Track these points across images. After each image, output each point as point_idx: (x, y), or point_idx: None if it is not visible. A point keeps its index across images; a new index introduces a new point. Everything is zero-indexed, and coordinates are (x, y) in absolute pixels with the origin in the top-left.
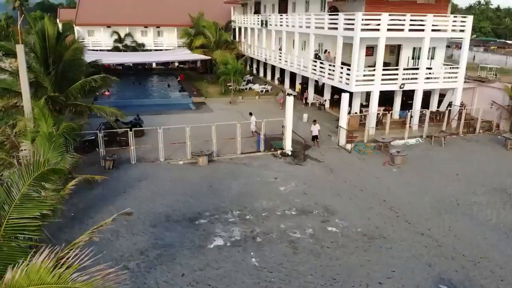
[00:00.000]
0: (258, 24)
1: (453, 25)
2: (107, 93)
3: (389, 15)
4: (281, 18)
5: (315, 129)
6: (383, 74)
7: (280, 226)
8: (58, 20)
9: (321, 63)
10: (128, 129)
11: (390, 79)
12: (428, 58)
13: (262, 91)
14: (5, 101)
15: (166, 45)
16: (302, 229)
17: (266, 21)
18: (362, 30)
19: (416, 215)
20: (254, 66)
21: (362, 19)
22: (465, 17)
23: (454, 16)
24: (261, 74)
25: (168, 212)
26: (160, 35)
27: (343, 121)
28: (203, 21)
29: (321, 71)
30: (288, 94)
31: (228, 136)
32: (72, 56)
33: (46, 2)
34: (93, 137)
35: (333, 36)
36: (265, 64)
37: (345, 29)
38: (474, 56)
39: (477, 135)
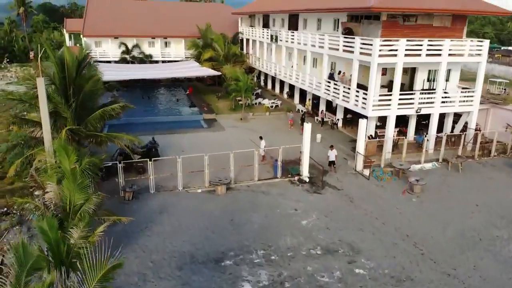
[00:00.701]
0: (268, 38)
1: (469, 50)
2: None
3: (407, 40)
4: (292, 35)
5: (332, 155)
6: (399, 99)
7: (307, 269)
8: (65, 30)
9: (335, 84)
10: (148, 159)
11: (406, 104)
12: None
13: (272, 106)
14: (24, 130)
15: (173, 56)
16: (330, 271)
17: (276, 37)
18: (380, 56)
19: (440, 252)
20: (262, 78)
21: (380, 45)
22: (481, 41)
23: (471, 41)
24: (269, 86)
25: (192, 251)
26: (168, 46)
27: (360, 147)
28: (211, 33)
29: (335, 92)
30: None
31: (244, 161)
32: (91, 87)
33: (48, 4)
34: (110, 164)
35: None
36: (273, 76)
37: (362, 53)
38: None
39: (492, 159)
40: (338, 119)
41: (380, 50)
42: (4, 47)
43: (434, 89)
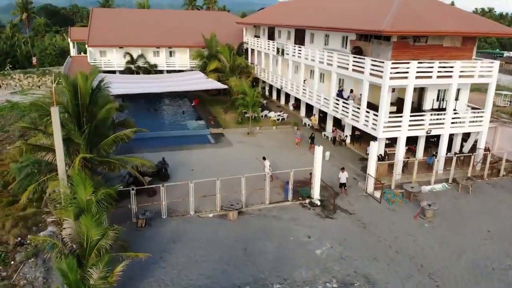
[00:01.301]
0: (273, 50)
1: (480, 71)
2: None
3: (418, 63)
4: (299, 50)
5: (343, 177)
6: (410, 120)
7: None
8: (69, 39)
9: (344, 102)
10: (160, 185)
11: (417, 125)
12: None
13: (278, 119)
14: (37, 156)
15: (178, 66)
16: None
17: (283, 50)
18: (391, 78)
19: (455, 283)
20: (267, 88)
21: (391, 67)
22: (492, 62)
23: (481, 62)
24: (274, 97)
25: (208, 285)
26: (172, 55)
27: (372, 169)
28: (217, 44)
29: (344, 111)
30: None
31: (255, 183)
32: (105, 115)
33: (49, 6)
34: (121, 187)
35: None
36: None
37: (372, 74)
38: None
39: (501, 179)
40: (346, 136)
41: (391, 73)
42: (7, 52)
43: (444, 109)
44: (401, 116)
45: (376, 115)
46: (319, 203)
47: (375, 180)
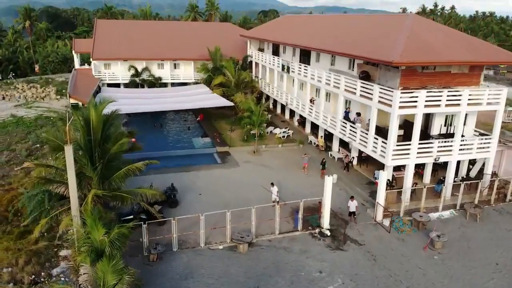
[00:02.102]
0: (278, 66)
1: (488, 99)
2: (133, 140)
3: (427, 92)
4: (305, 69)
5: (353, 205)
6: (419, 148)
7: None
8: (73, 51)
9: (351, 126)
10: (172, 219)
11: (425, 152)
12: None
13: (283, 136)
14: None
15: (183, 78)
16: None
17: (288, 67)
18: (400, 108)
19: None
20: (271, 101)
21: (400, 97)
22: (500, 89)
23: (489, 89)
24: (279, 110)
25: None
26: (177, 67)
27: (381, 198)
28: (221, 57)
29: (352, 134)
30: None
31: (265, 213)
32: (117, 150)
33: (51, 9)
34: (131, 216)
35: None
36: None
37: (381, 102)
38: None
39: (507, 204)
40: (353, 157)
41: (400, 102)
42: (9, 58)
43: (452, 134)
44: (409, 144)
45: (385, 143)
46: (329, 233)
47: (384, 208)
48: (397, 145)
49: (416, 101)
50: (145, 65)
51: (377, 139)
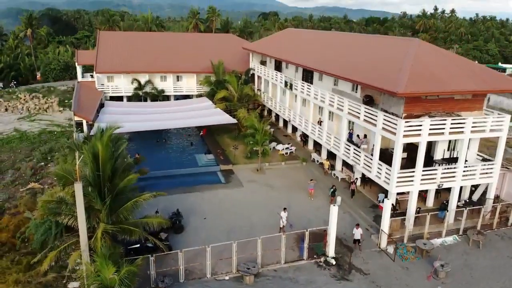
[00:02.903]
0: (281, 82)
1: (491, 126)
2: (137, 156)
3: (431, 120)
4: (308, 88)
5: (358, 233)
6: (422, 174)
7: None
8: (76, 63)
9: (355, 149)
10: (179, 251)
11: (429, 179)
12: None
13: (286, 153)
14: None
15: (185, 90)
16: None
17: (291, 85)
18: (404, 136)
19: None
20: (273, 113)
21: (405, 126)
22: (503, 117)
23: (492, 116)
24: (281, 123)
25: None
26: (180, 79)
27: (385, 226)
28: (224, 71)
29: (355, 157)
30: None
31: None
32: (125, 184)
33: (51, 12)
34: (138, 245)
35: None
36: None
37: (385, 129)
38: (489, 98)
39: (509, 229)
40: (356, 179)
41: (404, 131)
42: (10, 65)
43: (455, 158)
44: (413, 171)
45: (389, 170)
46: (334, 262)
47: (388, 235)
48: (402, 173)
49: (420, 130)
50: (148, 78)
51: (381, 165)
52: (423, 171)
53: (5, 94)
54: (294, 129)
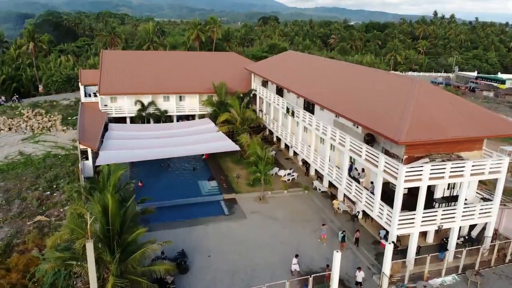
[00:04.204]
0: (283, 107)
1: (490, 168)
2: (140, 184)
3: (432, 166)
4: (310, 119)
5: (360, 276)
6: (423, 216)
7: None
8: (80, 83)
9: (357, 186)
10: None
11: (429, 220)
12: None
13: (288, 179)
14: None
15: (188, 110)
16: None
17: (293, 112)
18: (406, 181)
19: None
20: (275, 135)
21: (406, 171)
22: (501, 158)
23: (491, 159)
24: (283, 145)
25: None
26: (182, 99)
27: (386, 269)
28: (226, 92)
29: (357, 194)
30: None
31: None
32: (134, 238)
33: (51, 18)
34: None
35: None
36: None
37: (386, 172)
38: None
39: (506, 266)
40: (358, 212)
41: (406, 176)
42: (12, 76)
43: (455, 196)
44: (414, 214)
45: (391, 212)
46: None
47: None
48: (403, 215)
49: (421, 174)
50: (151, 99)
51: (383, 206)
52: (423, 213)
53: (8, 110)
54: (295, 152)
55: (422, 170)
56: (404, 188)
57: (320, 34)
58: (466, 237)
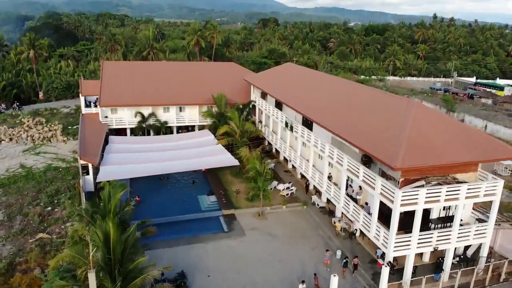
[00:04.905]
0: (282, 121)
1: (485, 191)
2: (138, 199)
3: (427, 189)
4: (309, 135)
5: None
6: (419, 239)
7: None
8: (80, 94)
9: (355, 206)
10: None
11: (425, 242)
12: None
13: (287, 194)
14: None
15: (188, 121)
16: None
17: (292, 127)
18: (402, 205)
19: None
20: (274, 147)
21: (402, 195)
22: (496, 181)
23: (486, 182)
24: (282, 157)
25: None
26: (182, 110)
27: None
28: (226, 103)
29: (355, 213)
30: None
31: None
32: (135, 266)
33: (52, 21)
34: None
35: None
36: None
37: (383, 195)
38: (486, 126)
39: (501, 285)
40: (356, 230)
41: (402, 200)
42: (12, 82)
43: (450, 217)
44: (410, 236)
45: (387, 234)
46: None
47: None
48: (399, 238)
49: (417, 198)
50: (151, 110)
51: (379, 228)
52: (419, 235)
53: (8, 118)
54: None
55: (418, 194)
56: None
57: (320, 38)
58: (462, 257)
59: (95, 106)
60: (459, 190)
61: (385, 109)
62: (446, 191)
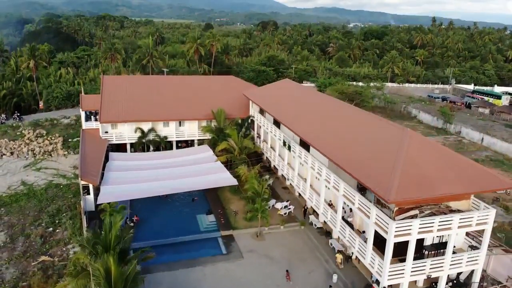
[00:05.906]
0: (280, 139)
1: (477, 220)
2: (136, 218)
3: (421, 221)
4: (306, 156)
5: None
6: (412, 267)
7: None
8: (81, 109)
9: (350, 232)
10: None
11: (418, 270)
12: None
13: (285, 213)
14: None
15: (187, 135)
16: None
17: (290, 146)
18: (396, 236)
19: None
20: (273, 163)
21: (396, 227)
22: (488, 211)
23: (478, 211)
24: (280, 173)
25: None
26: (182, 125)
27: None
28: (225, 118)
29: (351, 239)
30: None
31: None
32: None
33: (52, 24)
34: None
35: None
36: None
37: (377, 224)
38: (483, 139)
39: None
40: (352, 253)
41: (396, 231)
42: (12, 91)
43: (444, 243)
44: (404, 265)
45: (381, 263)
46: None
47: None
48: (393, 267)
49: (410, 229)
50: (151, 125)
51: (374, 257)
52: (413, 264)
53: (9, 130)
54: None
55: (411, 226)
56: None
57: (319, 42)
58: (455, 281)
59: (96, 119)
60: (451, 220)
61: (381, 137)
62: (439, 222)
